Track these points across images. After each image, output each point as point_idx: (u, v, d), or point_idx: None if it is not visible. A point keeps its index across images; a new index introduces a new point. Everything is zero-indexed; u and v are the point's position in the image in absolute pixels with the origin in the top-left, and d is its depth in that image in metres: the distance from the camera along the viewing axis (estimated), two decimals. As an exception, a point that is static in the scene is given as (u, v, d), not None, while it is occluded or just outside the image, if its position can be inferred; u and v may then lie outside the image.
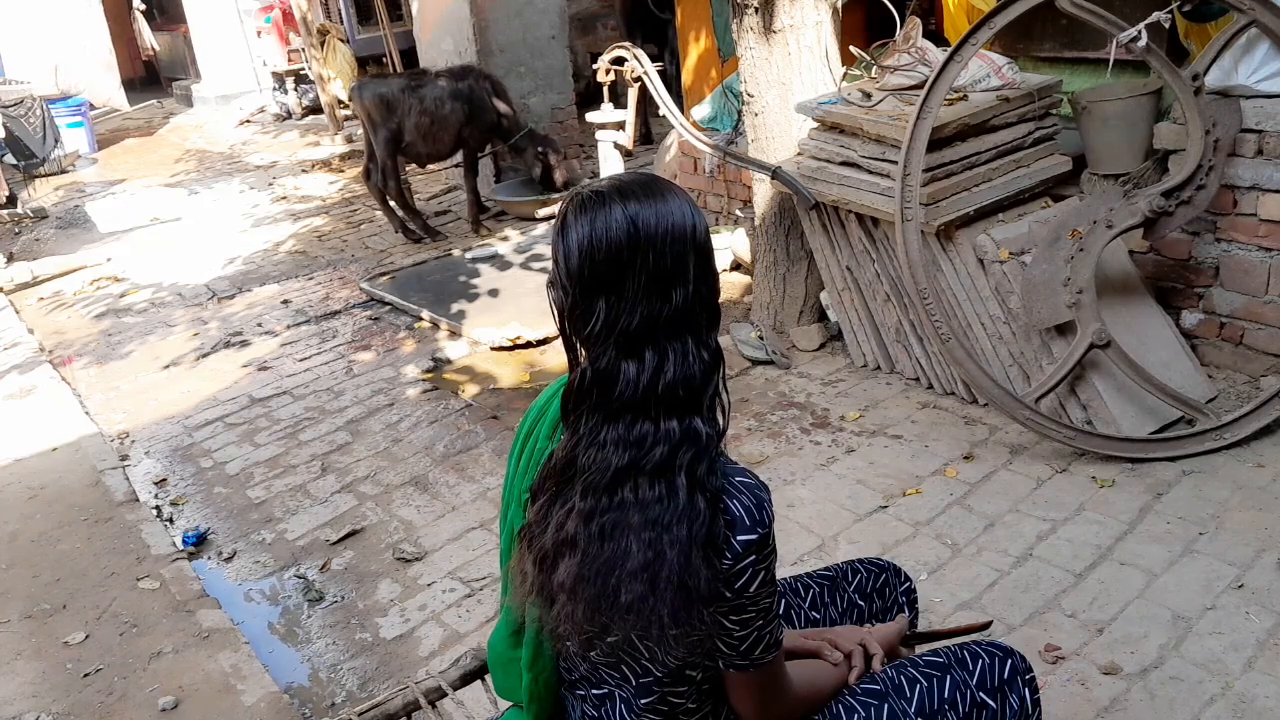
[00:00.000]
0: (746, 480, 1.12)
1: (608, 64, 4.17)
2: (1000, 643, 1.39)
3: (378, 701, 1.64)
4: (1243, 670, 2.06)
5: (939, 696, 1.29)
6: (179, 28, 12.46)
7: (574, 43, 7.36)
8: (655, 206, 1.08)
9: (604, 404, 1.10)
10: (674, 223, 1.08)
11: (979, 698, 1.30)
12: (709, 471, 1.09)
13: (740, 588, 1.10)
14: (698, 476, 1.08)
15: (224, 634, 2.60)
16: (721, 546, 1.08)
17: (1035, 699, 1.35)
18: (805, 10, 3.40)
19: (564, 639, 1.18)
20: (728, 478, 1.11)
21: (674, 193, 1.12)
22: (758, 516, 1.10)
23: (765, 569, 1.12)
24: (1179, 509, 2.60)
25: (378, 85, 5.84)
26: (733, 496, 1.10)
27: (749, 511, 1.10)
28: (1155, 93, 3.14)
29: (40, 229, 7.33)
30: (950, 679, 1.31)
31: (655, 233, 1.07)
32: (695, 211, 1.12)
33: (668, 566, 1.06)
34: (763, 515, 1.10)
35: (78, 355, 4.84)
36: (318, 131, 9.75)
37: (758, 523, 1.10)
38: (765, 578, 1.12)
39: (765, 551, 1.11)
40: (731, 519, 1.09)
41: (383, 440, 3.61)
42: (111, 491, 3.38)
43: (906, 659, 1.37)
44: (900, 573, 1.61)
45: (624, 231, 1.06)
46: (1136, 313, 3.10)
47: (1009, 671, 1.33)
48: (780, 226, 3.75)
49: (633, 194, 1.09)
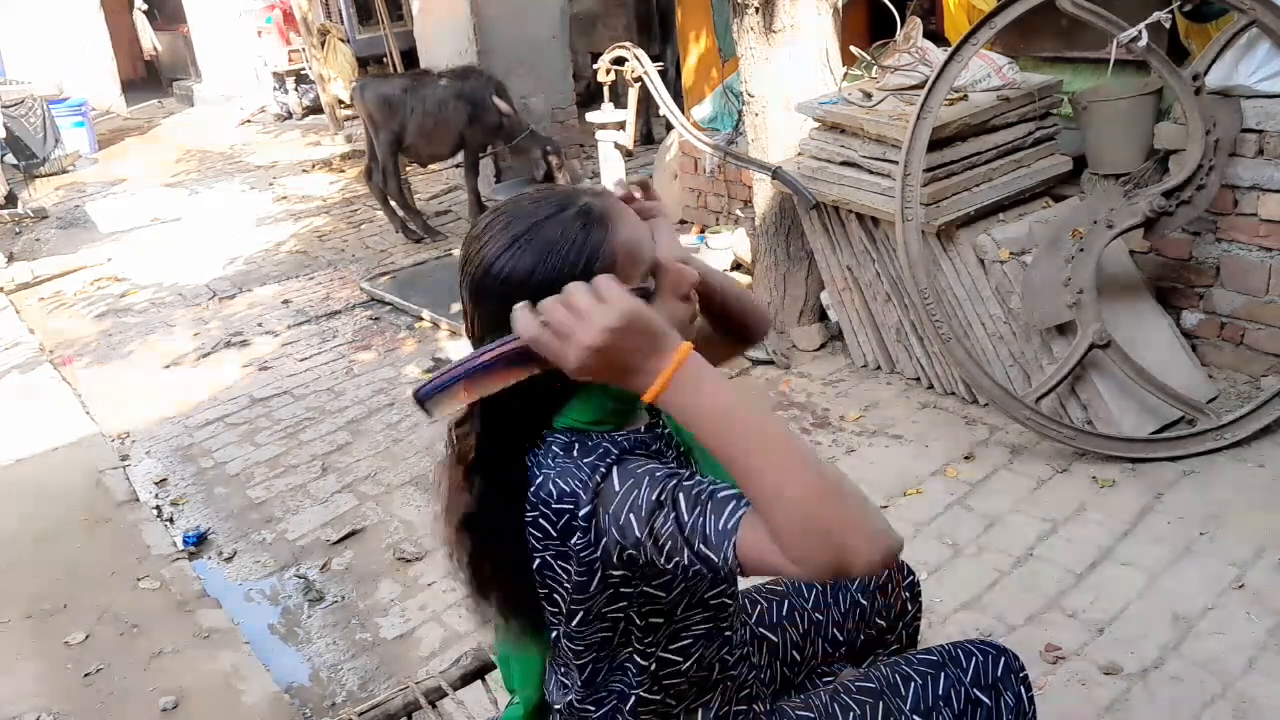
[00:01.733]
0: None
1: (608, 64, 4.17)
2: (994, 641, 1.39)
3: (378, 701, 1.64)
4: (1243, 670, 2.06)
5: (934, 694, 1.29)
6: (180, 28, 12.47)
7: (574, 43, 7.35)
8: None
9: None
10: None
11: (974, 694, 1.30)
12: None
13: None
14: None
15: (224, 634, 2.60)
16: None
17: (1030, 696, 1.35)
18: (806, 10, 3.40)
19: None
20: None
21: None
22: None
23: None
24: (1179, 509, 2.59)
25: (380, 85, 5.84)
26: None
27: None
28: (1156, 93, 3.14)
29: (41, 229, 7.33)
30: (945, 676, 1.31)
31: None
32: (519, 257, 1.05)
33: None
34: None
35: (78, 355, 4.84)
36: (318, 131, 9.75)
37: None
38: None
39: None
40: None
41: (383, 440, 3.61)
42: (112, 491, 3.38)
43: (901, 658, 1.37)
44: (904, 567, 1.59)
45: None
46: (1137, 313, 3.09)
47: (1003, 669, 1.33)
48: (780, 226, 3.75)
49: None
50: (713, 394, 0.97)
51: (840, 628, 1.51)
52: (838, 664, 1.52)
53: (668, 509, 0.99)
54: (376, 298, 5.04)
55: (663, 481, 1.02)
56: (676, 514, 0.99)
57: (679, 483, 1.01)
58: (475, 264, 1.07)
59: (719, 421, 0.96)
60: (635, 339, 0.95)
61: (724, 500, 0.98)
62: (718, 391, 0.97)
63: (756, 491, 0.94)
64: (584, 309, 0.95)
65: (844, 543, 0.91)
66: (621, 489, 1.03)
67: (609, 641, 1.15)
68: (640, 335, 0.95)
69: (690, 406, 0.97)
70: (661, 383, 0.96)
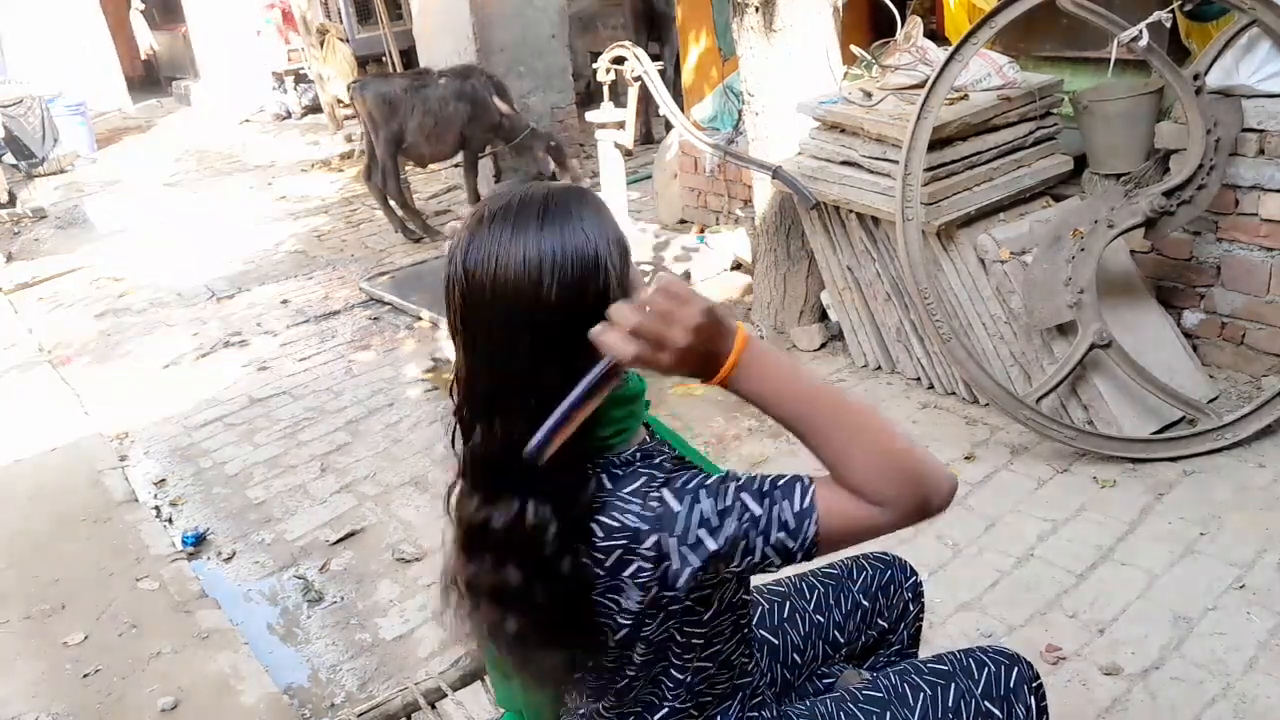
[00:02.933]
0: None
1: (608, 63, 4.17)
2: (1007, 650, 1.35)
3: (377, 702, 1.64)
4: (1244, 670, 2.06)
5: (943, 705, 1.26)
6: (178, 27, 12.46)
7: (574, 42, 7.36)
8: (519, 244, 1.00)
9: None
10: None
11: (984, 707, 1.27)
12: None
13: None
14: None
15: (223, 634, 2.59)
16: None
17: (1043, 705, 1.32)
18: (806, 10, 3.40)
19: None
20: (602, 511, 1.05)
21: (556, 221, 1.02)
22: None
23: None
24: (1180, 509, 2.59)
25: (380, 85, 5.82)
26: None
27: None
28: (1156, 92, 3.14)
29: (39, 229, 7.33)
30: (955, 687, 1.28)
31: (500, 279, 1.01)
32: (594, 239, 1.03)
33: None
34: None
35: (77, 355, 4.84)
36: (317, 131, 9.75)
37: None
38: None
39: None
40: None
41: (382, 440, 3.60)
42: (111, 492, 3.37)
43: (910, 665, 1.35)
44: (906, 567, 1.59)
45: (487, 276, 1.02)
46: (1138, 313, 3.09)
47: (1015, 680, 1.30)
48: (781, 226, 3.75)
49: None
50: (776, 367, 1.01)
51: (841, 629, 1.50)
52: (838, 665, 1.51)
53: (736, 512, 1.01)
54: (375, 298, 5.04)
55: (717, 488, 1.03)
56: (748, 514, 1.01)
57: (732, 483, 1.03)
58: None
59: (788, 392, 1.01)
60: (712, 330, 0.97)
61: (788, 485, 1.02)
62: (780, 363, 1.01)
63: (837, 450, 0.99)
64: (671, 314, 0.95)
65: (925, 481, 0.99)
66: (682, 508, 1.02)
67: (649, 663, 1.14)
68: (715, 326, 0.97)
69: (758, 382, 1.00)
70: (729, 367, 0.98)
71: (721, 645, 1.18)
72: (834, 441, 0.99)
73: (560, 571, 1.04)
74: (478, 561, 1.08)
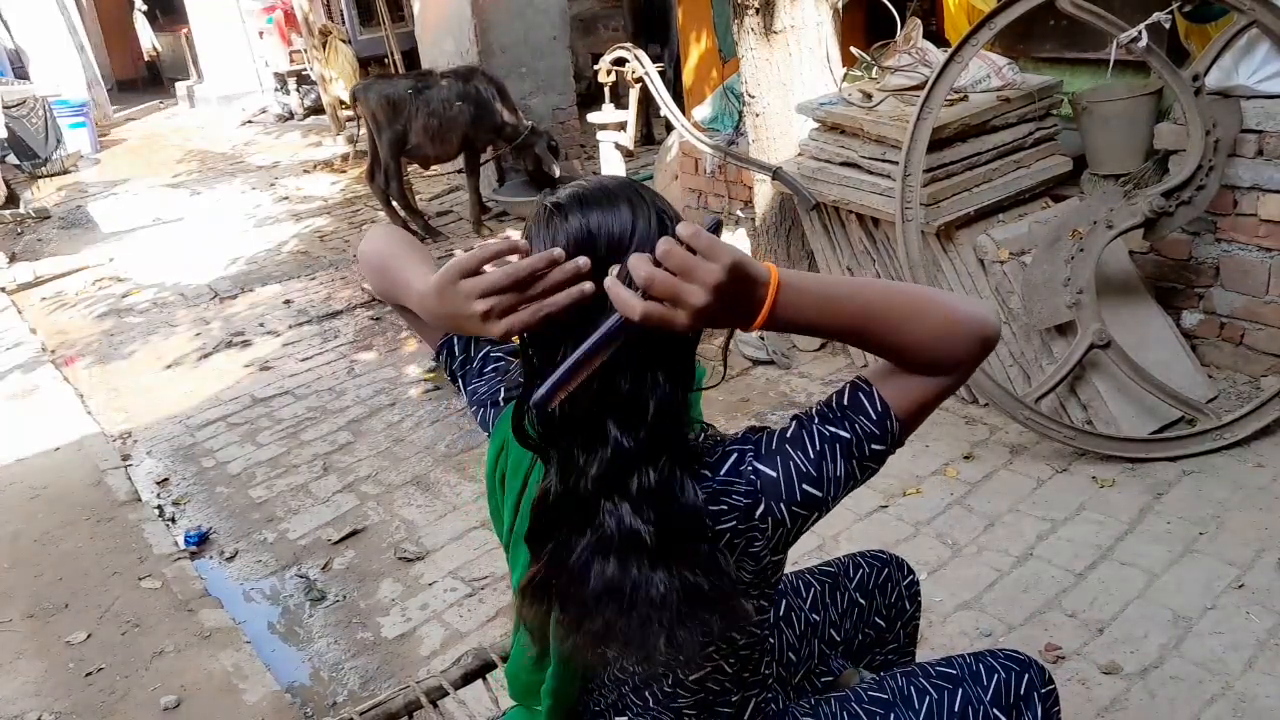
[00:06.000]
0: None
1: (609, 65, 4.18)
2: (1019, 655, 1.32)
3: (379, 701, 1.64)
4: (1243, 670, 2.06)
5: (949, 710, 1.24)
6: (181, 28, 12.47)
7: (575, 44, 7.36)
8: (615, 216, 0.99)
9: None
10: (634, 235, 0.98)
11: (992, 714, 1.25)
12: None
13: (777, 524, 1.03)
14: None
15: (226, 633, 2.60)
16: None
17: (1055, 711, 1.30)
18: (806, 11, 3.41)
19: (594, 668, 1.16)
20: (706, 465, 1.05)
21: (636, 201, 1.01)
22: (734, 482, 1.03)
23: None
24: (1179, 509, 2.60)
25: (383, 86, 5.82)
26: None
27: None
28: (1155, 93, 3.15)
29: (43, 229, 7.34)
30: (962, 693, 1.26)
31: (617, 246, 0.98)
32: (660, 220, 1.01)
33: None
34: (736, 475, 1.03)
35: (80, 355, 4.85)
36: (319, 132, 9.76)
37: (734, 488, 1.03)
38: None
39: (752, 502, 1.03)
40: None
41: (384, 440, 3.61)
42: (113, 491, 3.38)
43: (918, 668, 1.33)
44: (904, 566, 1.57)
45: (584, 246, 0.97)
46: (1137, 313, 3.10)
47: (1025, 686, 1.27)
48: (781, 227, 3.75)
49: (594, 203, 1.00)
50: (817, 295, 0.97)
51: (838, 628, 1.49)
52: (836, 663, 1.51)
53: (828, 452, 1.03)
54: (378, 298, 5.04)
55: (799, 437, 1.05)
56: (839, 443, 1.03)
57: (809, 424, 1.05)
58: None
59: (832, 312, 0.98)
60: (737, 287, 0.91)
61: (853, 398, 1.04)
62: (819, 289, 0.98)
63: (903, 344, 1.00)
64: (691, 270, 0.88)
65: (984, 330, 1.00)
66: (778, 472, 1.03)
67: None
68: (741, 282, 0.91)
69: (798, 314, 0.97)
70: (763, 316, 0.95)
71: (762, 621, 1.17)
72: (895, 338, 1.00)
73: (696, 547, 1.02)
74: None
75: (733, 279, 0.89)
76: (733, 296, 0.90)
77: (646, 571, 1.01)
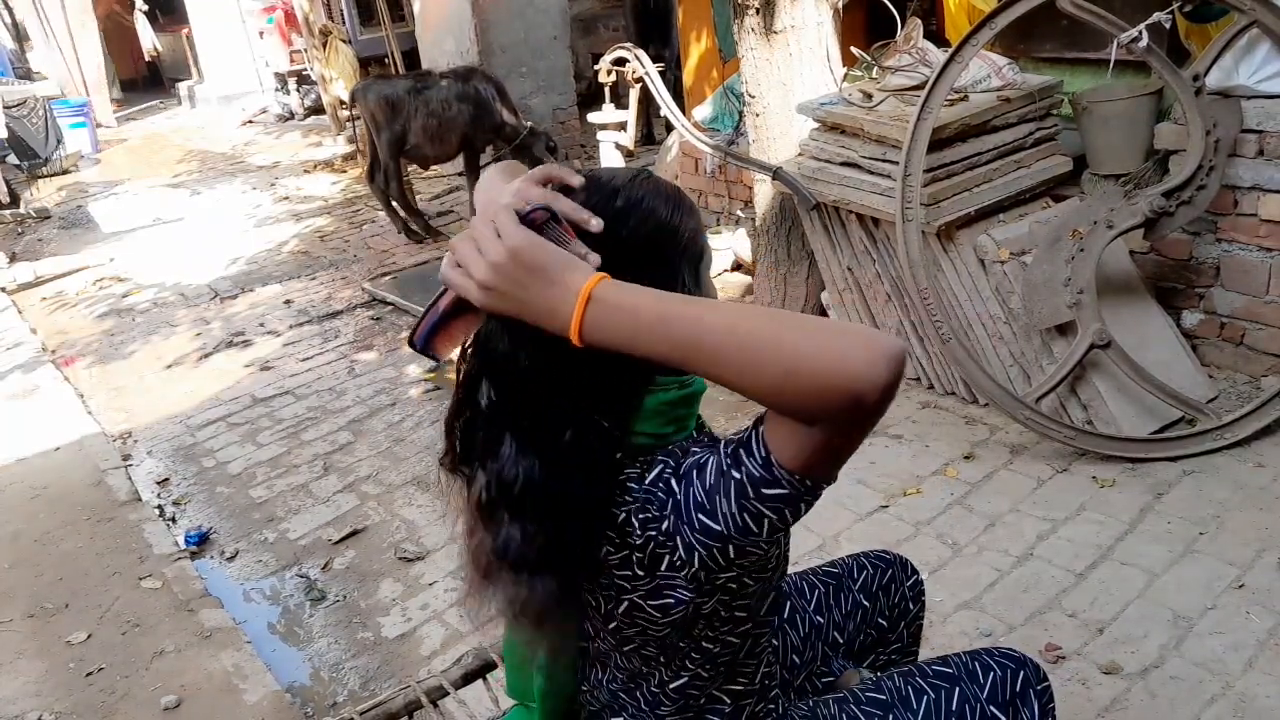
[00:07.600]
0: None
1: (609, 65, 4.18)
2: (1014, 652, 1.33)
3: (379, 700, 1.64)
4: (1243, 670, 2.06)
5: (946, 709, 1.25)
6: (181, 28, 12.48)
7: (575, 44, 7.37)
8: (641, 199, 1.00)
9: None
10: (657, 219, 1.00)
11: (989, 711, 1.26)
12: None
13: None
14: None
15: (226, 633, 2.60)
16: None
17: (1051, 708, 1.31)
18: (806, 11, 3.41)
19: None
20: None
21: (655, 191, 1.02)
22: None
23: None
24: (1179, 509, 2.60)
25: (383, 86, 5.82)
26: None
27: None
28: (1156, 93, 3.15)
29: (43, 229, 7.35)
30: (960, 691, 1.26)
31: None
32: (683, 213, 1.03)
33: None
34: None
35: (80, 355, 4.85)
36: (320, 132, 9.76)
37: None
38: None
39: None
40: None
41: (385, 440, 3.61)
42: (114, 491, 3.38)
43: (914, 667, 1.33)
44: (908, 566, 1.58)
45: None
46: (1137, 313, 3.10)
47: (1021, 684, 1.29)
48: (781, 227, 3.75)
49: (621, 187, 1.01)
50: (632, 313, 0.87)
51: (841, 630, 1.49)
52: (838, 664, 1.51)
53: (720, 486, 0.93)
54: (378, 298, 5.05)
55: (703, 465, 0.96)
56: (731, 482, 0.92)
57: (716, 454, 0.95)
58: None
59: (658, 340, 0.86)
60: (525, 274, 0.88)
61: (748, 435, 0.93)
62: (637, 307, 0.87)
63: (738, 388, 0.86)
64: (482, 243, 0.90)
65: (838, 380, 0.81)
66: (682, 495, 0.96)
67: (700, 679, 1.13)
68: (532, 271, 0.88)
69: (619, 337, 0.87)
70: (576, 321, 0.87)
71: (759, 636, 1.16)
72: (735, 381, 0.85)
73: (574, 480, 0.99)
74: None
75: (515, 264, 0.88)
76: (518, 284, 0.89)
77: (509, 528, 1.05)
